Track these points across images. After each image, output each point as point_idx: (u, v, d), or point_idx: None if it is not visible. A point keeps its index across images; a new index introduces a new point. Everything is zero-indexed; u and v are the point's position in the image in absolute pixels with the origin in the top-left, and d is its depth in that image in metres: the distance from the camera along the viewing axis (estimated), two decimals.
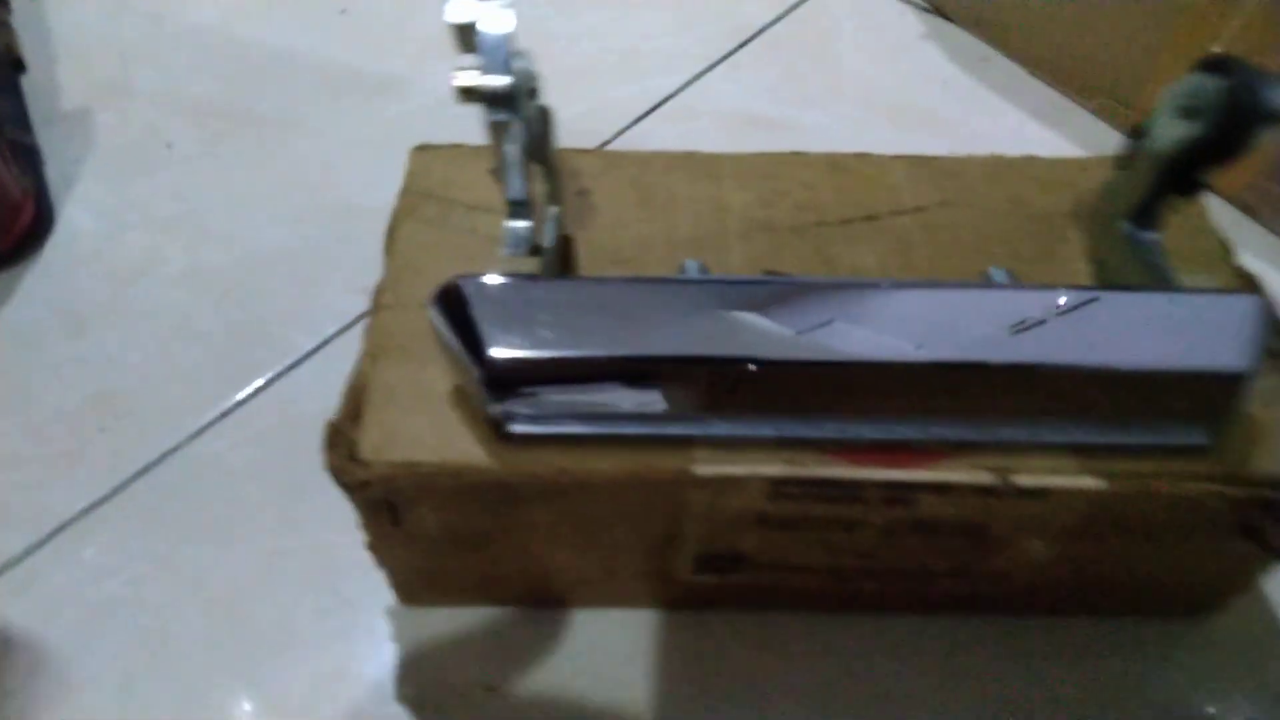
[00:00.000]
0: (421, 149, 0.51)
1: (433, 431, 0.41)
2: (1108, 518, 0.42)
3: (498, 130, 0.41)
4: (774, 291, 0.39)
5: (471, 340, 0.38)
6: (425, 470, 0.39)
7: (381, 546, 0.43)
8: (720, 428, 0.40)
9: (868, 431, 0.41)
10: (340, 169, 0.69)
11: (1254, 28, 0.65)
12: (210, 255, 0.65)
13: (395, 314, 0.44)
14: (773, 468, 0.40)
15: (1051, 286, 0.41)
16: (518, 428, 0.40)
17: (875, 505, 0.41)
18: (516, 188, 0.42)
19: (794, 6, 0.84)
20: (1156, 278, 0.43)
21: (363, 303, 0.46)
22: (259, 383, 0.58)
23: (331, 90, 0.75)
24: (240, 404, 0.57)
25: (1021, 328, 0.39)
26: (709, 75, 0.78)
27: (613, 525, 0.42)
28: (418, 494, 0.40)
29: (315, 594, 0.50)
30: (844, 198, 0.50)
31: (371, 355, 0.43)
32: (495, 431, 0.40)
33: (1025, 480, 0.40)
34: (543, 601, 0.49)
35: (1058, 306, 0.40)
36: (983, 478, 0.40)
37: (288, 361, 0.59)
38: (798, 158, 0.51)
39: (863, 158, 0.52)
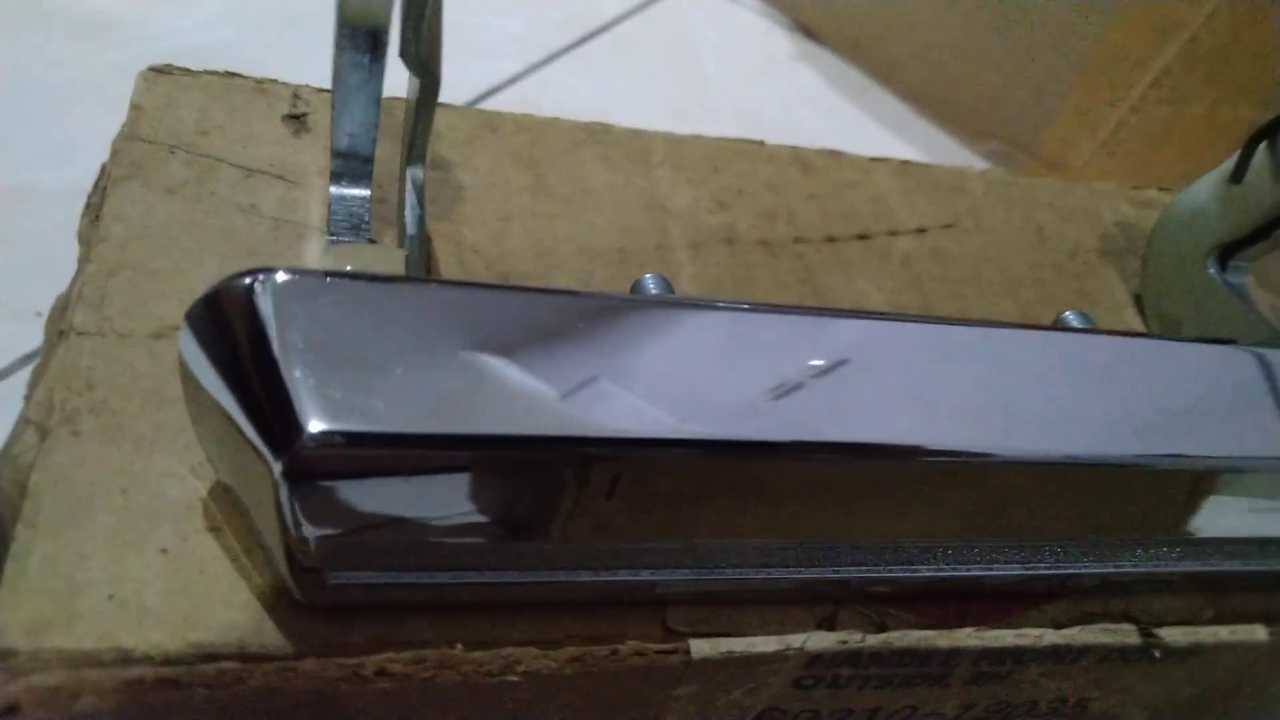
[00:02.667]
0: (160, 72, 0.30)
1: (169, 586, 0.20)
2: (1235, 680, 0.28)
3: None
4: (812, 331, 0.23)
5: (265, 400, 0.18)
6: (160, 674, 0.19)
7: None
8: (694, 568, 0.23)
9: (944, 566, 0.25)
10: (10, 134, 0.45)
11: (1179, 70, 0.57)
12: None
13: (98, 349, 0.23)
14: (817, 638, 0.23)
15: (1189, 340, 0.28)
16: (343, 576, 0.20)
17: (957, 686, 0.25)
18: (354, 124, 0.23)
19: (644, 5, 0.70)
20: (1260, 333, 0.31)
21: (35, 333, 0.25)
22: None
23: (6, 23, 0.50)
24: None
25: (1169, 404, 0.25)
26: (549, 67, 0.61)
27: None
28: None
29: None
30: (822, 207, 0.34)
31: (40, 427, 0.22)
32: (300, 585, 0.20)
33: (1176, 637, 0.26)
34: None
35: (1210, 370, 0.27)
36: (1124, 636, 0.25)
37: None
38: (754, 148, 0.36)
39: (835, 157, 0.37)
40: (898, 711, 0.25)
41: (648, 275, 0.27)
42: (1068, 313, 0.31)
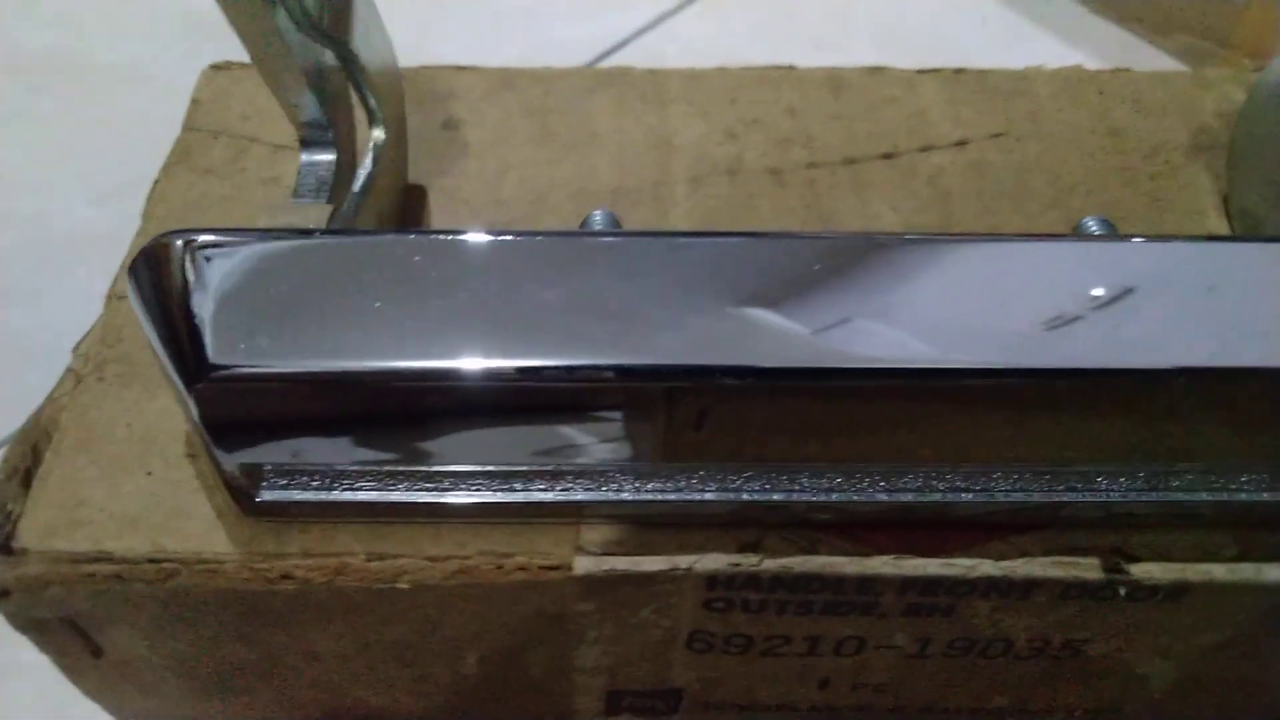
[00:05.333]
0: (218, 68, 0.34)
1: (148, 502, 0.24)
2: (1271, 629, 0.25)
3: None
4: (732, 254, 0.23)
5: (178, 342, 0.22)
6: (109, 570, 0.23)
7: (89, 685, 0.27)
8: (627, 489, 0.24)
9: (880, 492, 0.24)
10: None
11: None
12: None
13: (131, 310, 0.28)
14: (710, 559, 0.23)
15: (1196, 238, 0.24)
16: (271, 493, 0.23)
17: (894, 618, 0.24)
18: (308, 100, 0.26)
19: None
20: None
21: None
22: None
23: (194, 37, 0.59)
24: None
25: (1164, 313, 0.22)
26: (680, 14, 0.62)
27: (453, 652, 0.25)
28: (106, 609, 0.23)
29: None
30: (848, 128, 0.33)
31: (77, 375, 0.27)
32: (237, 501, 0.23)
33: (1151, 572, 0.23)
34: None
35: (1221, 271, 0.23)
36: (1083, 570, 0.23)
37: None
38: (780, 73, 0.35)
39: (877, 73, 0.35)
40: (844, 642, 0.25)
41: (596, 212, 0.27)
42: (1087, 219, 0.28)
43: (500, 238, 0.23)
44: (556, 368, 0.21)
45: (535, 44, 0.59)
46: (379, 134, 0.27)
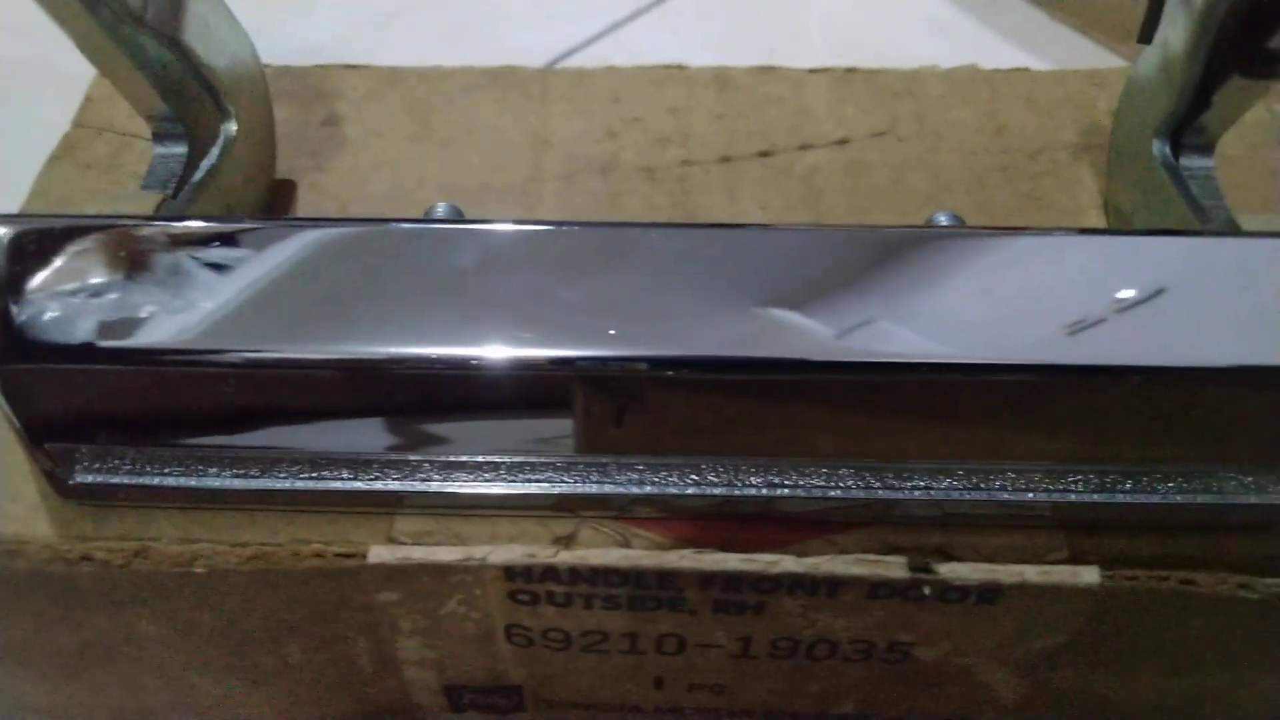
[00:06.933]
0: None
1: None
2: (1115, 630, 0.24)
3: None
4: (565, 244, 0.23)
5: None
6: None
7: None
8: (436, 480, 0.24)
9: (689, 485, 0.23)
10: None
11: None
12: None
13: None
14: (505, 551, 0.23)
15: (1023, 230, 0.24)
16: (85, 477, 0.23)
17: (706, 614, 0.24)
18: (150, 95, 0.26)
19: None
20: (1208, 224, 0.25)
21: None
22: None
23: None
24: None
25: (994, 309, 0.22)
26: (634, 23, 0.62)
27: (275, 641, 0.25)
28: None
29: None
30: (729, 126, 0.33)
31: None
32: (52, 484, 0.23)
33: (961, 573, 0.22)
34: None
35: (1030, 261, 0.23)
36: (887, 569, 0.22)
37: None
38: (667, 73, 0.35)
39: (766, 73, 0.35)
40: (663, 639, 0.24)
41: (439, 205, 0.27)
42: (939, 214, 0.27)
43: (307, 228, 0.23)
44: (366, 356, 0.21)
45: (489, 52, 0.59)
46: (230, 127, 0.28)
